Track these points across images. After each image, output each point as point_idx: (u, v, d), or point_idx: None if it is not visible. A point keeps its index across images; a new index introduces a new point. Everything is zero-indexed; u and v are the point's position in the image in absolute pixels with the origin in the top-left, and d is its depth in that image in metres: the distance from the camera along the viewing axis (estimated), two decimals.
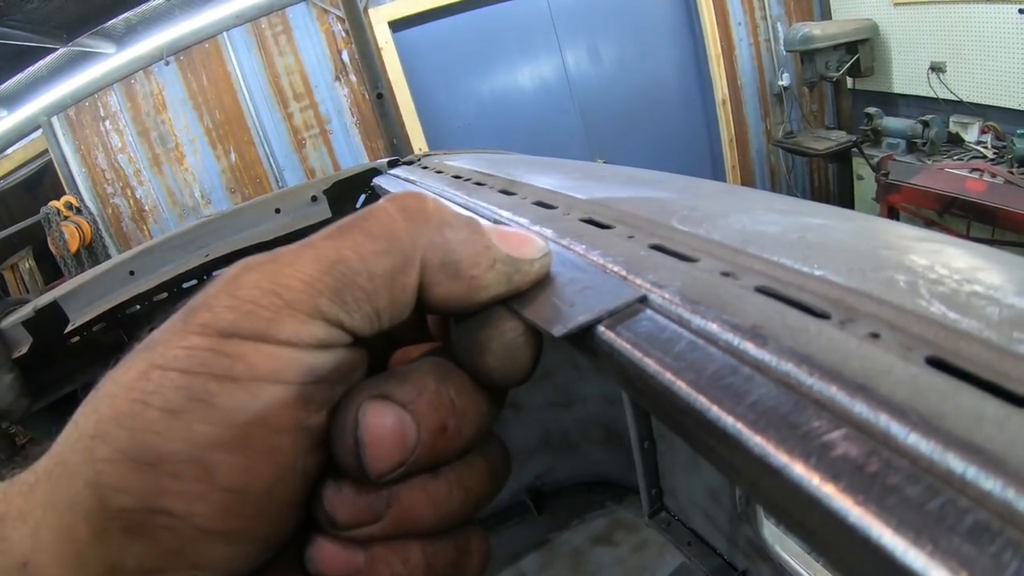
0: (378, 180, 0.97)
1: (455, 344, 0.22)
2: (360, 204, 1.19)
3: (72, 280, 1.22)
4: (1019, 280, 0.21)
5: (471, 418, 0.20)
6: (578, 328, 0.20)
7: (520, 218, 0.36)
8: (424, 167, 0.83)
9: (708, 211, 0.31)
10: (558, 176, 0.47)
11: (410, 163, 0.96)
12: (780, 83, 3.99)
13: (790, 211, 0.32)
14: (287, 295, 0.18)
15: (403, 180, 0.83)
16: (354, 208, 1.17)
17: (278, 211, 1.14)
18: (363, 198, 1.18)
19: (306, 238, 0.20)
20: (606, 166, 0.60)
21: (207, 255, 1.10)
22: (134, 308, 1.21)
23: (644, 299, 0.22)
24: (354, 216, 0.21)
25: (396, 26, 3.50)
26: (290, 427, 0.18)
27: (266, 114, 3.53)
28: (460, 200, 0.48)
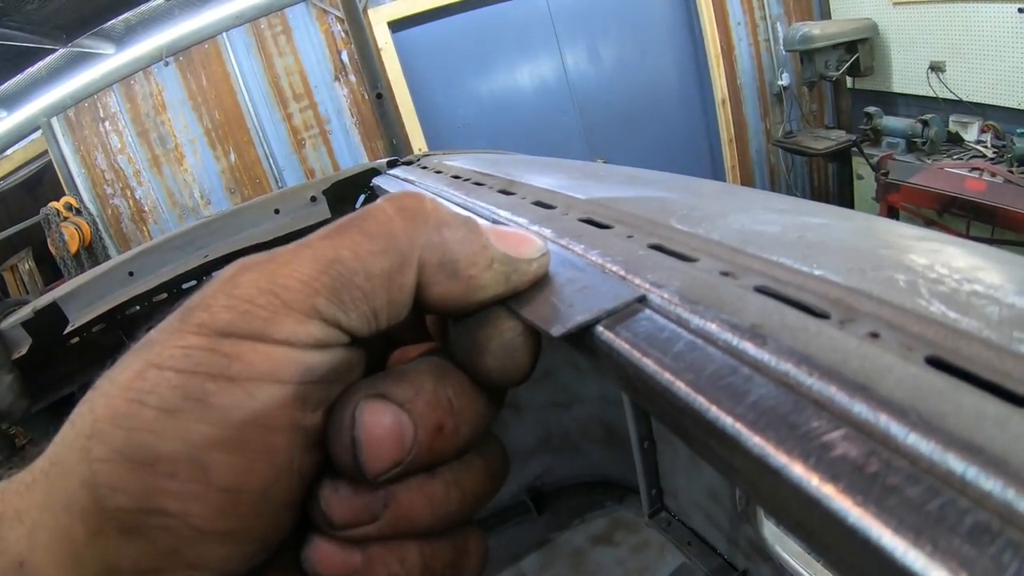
0: (377, 180, 0.97)
1: (453, 344, 0.22)
2: (359, 204, 1.19)
3: (72, 281, 1.22)
4: (1019, 279, 0.20)
5: (469, 418, 0.20)
6: (577, 328, 0.20)
7: (519, 218, 0.36)
8: (423, 167, 0.83)
9: (707, 211, 0.31)
10: (557, 176, 0.47)
11: (409, 163, 0.96)
12: (780, 83, 3.99)
13: (789, 211, 0.32)
14: (284, 295, 0.18)
15: (402, 180, 0.83)
16: (353, 208, 1.17)
17: (277, 212, 1.13)
18: (362, 198, 1.18)
19: (304, 238, 0.20)
20: (605, 166, 0.60)
21: (207, 256, 1.10)
22: (134, 309, 1.21)
23: (643, 299, 0.22)
24: (352, 216, 0.21)
25: (395, 26, 3.50)
26: (287, 427, 0.18)
27: (265, 114, 3.53)
28: (459, 200, 0.48)
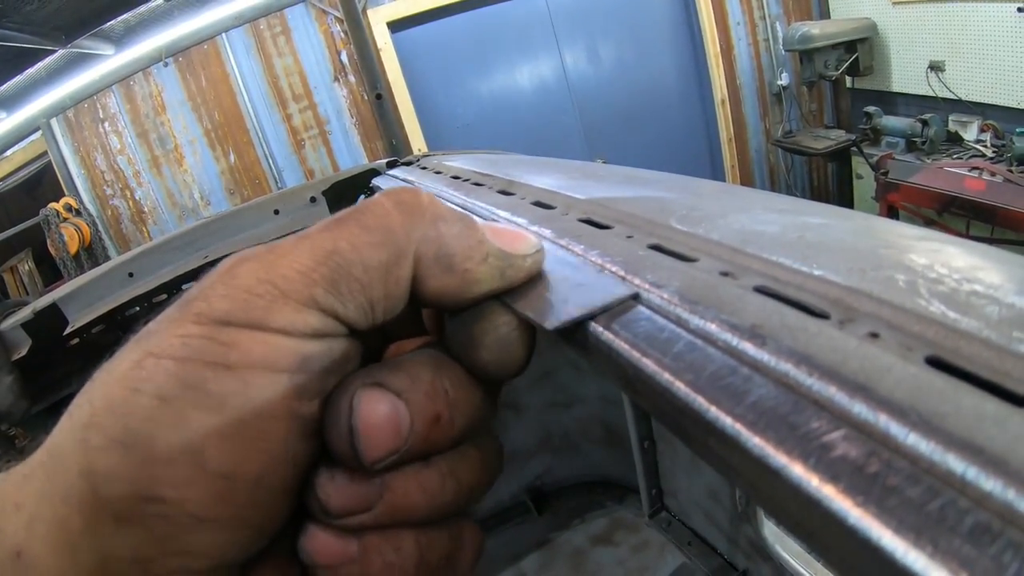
0: (377, 181, 0.97)
1: (449, 338, 0.22)
2: None
3: (71, 282, 1.22)
4: (1019, 279, 0.20)
5: (464, 409, 0.21)
6: (571, 322, 0.21)
7: (519, 218, 0.36)
8: (423, 168, 0.83)
9: (707, 211, 0.31)
10: (556, 176, 0.47)
11: (409, 164, 0.96)
12: (779, 82, 3.99)
13: (789, 210, 0.32)
14: (283, 284, 0.18)
15: (402, 181, 0.83)
16: None
17: (277, 212, 1.13)
18: (362, 199, 1.18)
19: (302, 230, 0.20)
20: (605, 166, 0.60)
21: (206, 256, 1.10)
22: (133, 310, 1.21)
23: (637, 296, 0.22)
24: (350, 209, 0.21)
25: (395, 27, 3.51)
26: (283, 415, 0.18)
27: (265, 115, 3.53)
28: (458, 201, 0.48)
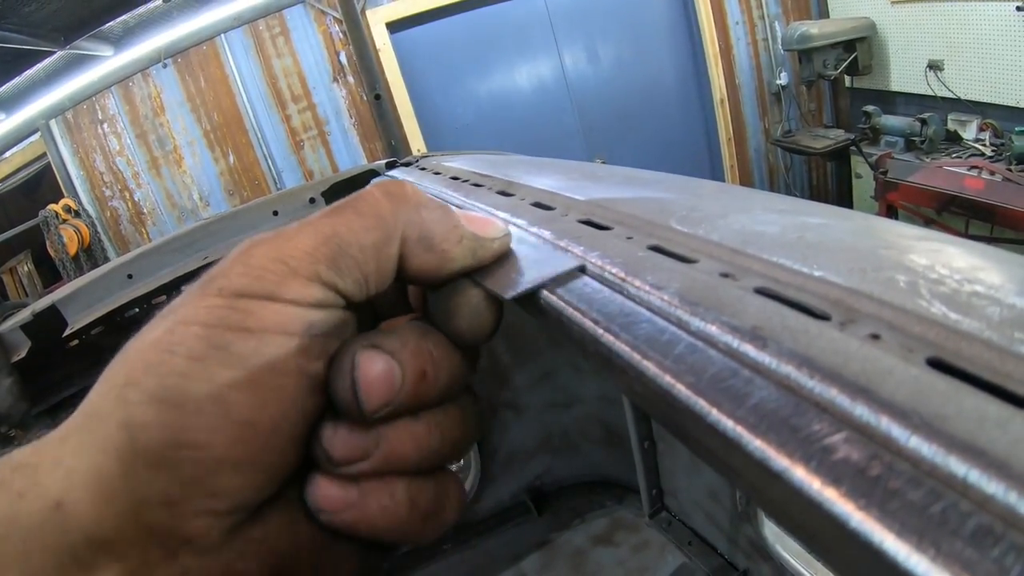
0: (375, 182, 0.96)
1: (431, 310, 0.26)
2: None
3: (70, 284, 1.22)
4: (1020, 280, 0.20)
5: (446, 367, 0.24)
6: (524, 292, 0.25)
7: (518, 219, 0.36)
8: (422, 168, 0.83)
9: (707, 211, 0.31)
10: (556, 177, 0.47)
11: (408, 164, 0.96)
12: (778, 82, 3.99)
13: (789, 211, 0.32)
14: (291, 263, 0.21)
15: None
16: None
17: (276, 213, 1.13)
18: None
19: (305, 218, 0.23)
20: (604, 166, 0.60)
21: (206, 258, 1.10)
22: (133, 311, 1.21)
23: (583, 268, 0.26)
24: (346, 199, 0.24)
25: (394, 27, 3.50)
26: (294, 371, 0.21)
27: (264, 116, 3.53)
28: (458, 201, 0.48)
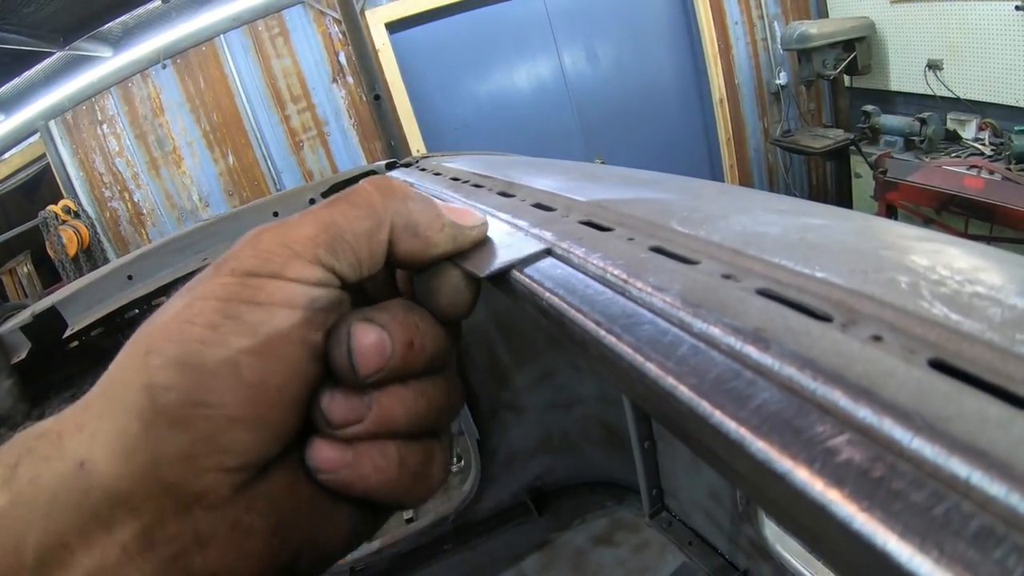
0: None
1: (416, 290, 0.29)
2: None
3: (70, 285, 1.22)
4: (1021, 280, 0.20)
5: (431, 339, 0.27)
6: (496, 272, 0.28)
7: (519, 220, 0.36)
8: (422, 169, 0.82)
9: (708, 212, 0.31)
10: (556, 177, 0.47)
11: (408, 165, 0.96)
12: (777, 82, 3.99)
13: (790, 211, 0.32)
14: (295, 247, 0.24)
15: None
16: None
17: (276, 215, 1.13)
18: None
19: (306, 209, 0.27)
20: (604, 167, 0.60)
21: (205, 259, 1.10)
22: (132, 312, 1.21)
23: (550, 251, 0.30)
24: (342, 192, 0.28)
25: (393, 27, 3.50)
26: (297, 340, 0.24)
27: (263, 116, 3.52)
28: (459, 203, 0.48)
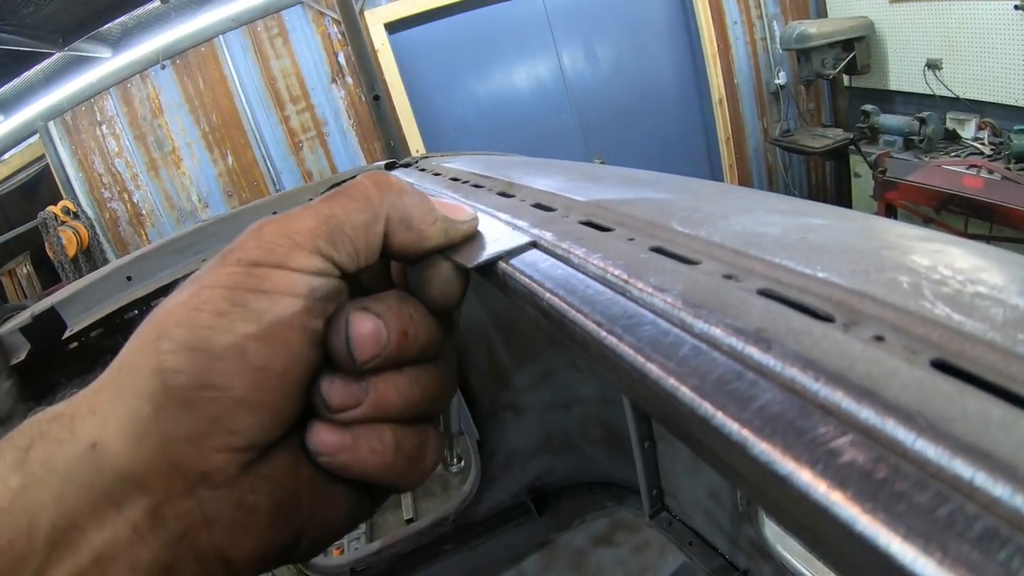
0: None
1: (410, 282, 0.30)
2: None
3: (70, 286, 1.22)
4: (1022, 280, 0.20)
5: (424, 328, 0.28)
6: (483, 263, 0.29)
7: (519, 221, 0.36)
8: (422, 169, 0.82)
9: (708, 212, 0.31)
10: (556, 177, 0.47)
11: (407, 166, 0.96)
12: (777, 81, 3.99)
13: (790, 211, 0.32)
14: (296, 238, 0.26)
15: None
16: None
17: (275, 215, 1.13)
18: None
19: (307, 203, 0.27)
20: (604, 167, 0.60)
21: (204, 260, 1.09)
22: (132, 313, 1.21)
23: (535, 243, 0.31)
24: (340, 187, 0.29)
25: (392, 28, 3.50)
26: (299, 326, 0.25)
27: (263, 117, 3.52)
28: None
